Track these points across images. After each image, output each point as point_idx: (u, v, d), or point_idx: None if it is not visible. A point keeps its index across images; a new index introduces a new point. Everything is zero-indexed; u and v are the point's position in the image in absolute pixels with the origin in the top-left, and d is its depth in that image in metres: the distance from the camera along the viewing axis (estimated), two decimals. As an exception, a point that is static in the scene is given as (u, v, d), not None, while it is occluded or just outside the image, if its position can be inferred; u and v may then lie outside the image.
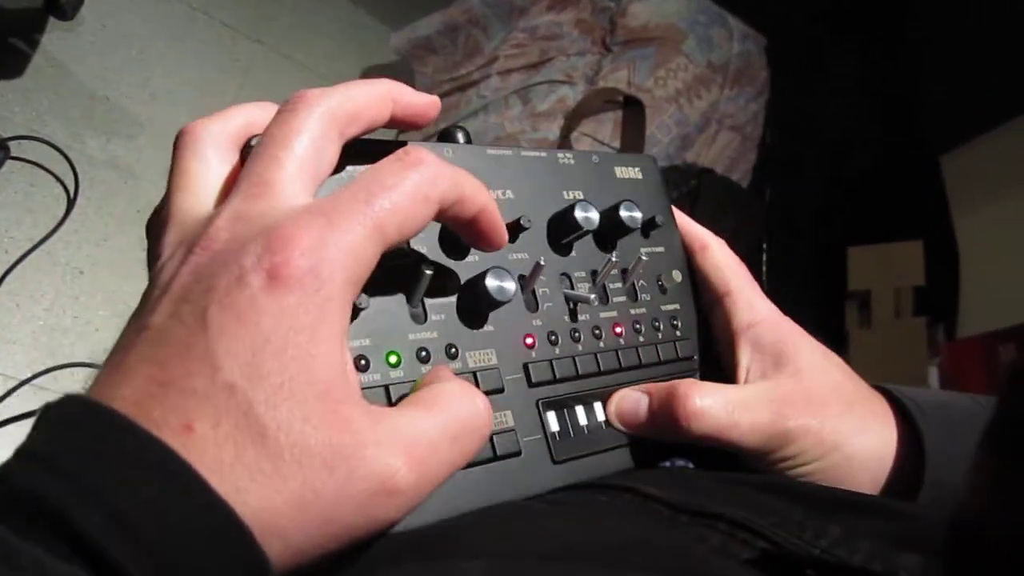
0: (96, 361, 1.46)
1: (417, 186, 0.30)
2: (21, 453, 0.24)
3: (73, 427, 0.24)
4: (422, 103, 0.34)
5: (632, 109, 1.65)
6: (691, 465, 0.44)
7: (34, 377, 1.41)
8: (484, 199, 0.33)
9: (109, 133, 1.65)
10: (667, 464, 0.44)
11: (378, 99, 0.33)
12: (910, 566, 0.27)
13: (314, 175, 0.30)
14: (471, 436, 0.30)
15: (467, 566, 0.28)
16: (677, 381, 0.43)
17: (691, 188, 1.59)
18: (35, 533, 0.22)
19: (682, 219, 0.52)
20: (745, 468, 0.43)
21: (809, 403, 0.43)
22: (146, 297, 0.29)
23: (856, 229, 1.91)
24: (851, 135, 2.02)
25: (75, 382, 1.44)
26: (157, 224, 0.32)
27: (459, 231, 0.35)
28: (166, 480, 0.24)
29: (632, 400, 0.44)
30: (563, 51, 1.76)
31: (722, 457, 0.43)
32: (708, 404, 0.41)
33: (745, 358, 0.46)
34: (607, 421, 0.44)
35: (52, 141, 1.55)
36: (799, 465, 0.42)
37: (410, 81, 1.89)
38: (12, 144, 1.51)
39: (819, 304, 1.83)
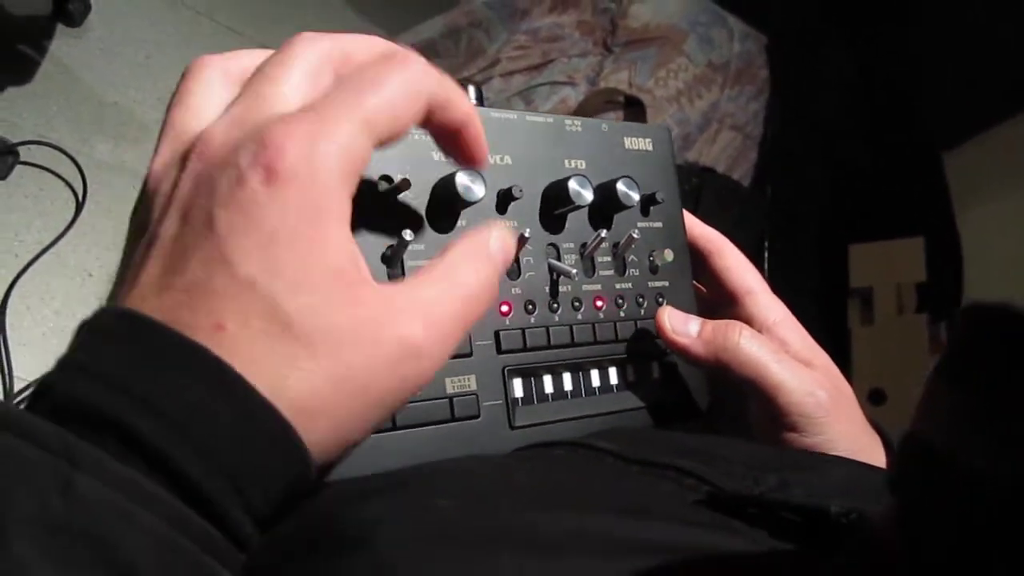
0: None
1: (406, 82, 0.30)
2: (67, 365, 0.25)
3: (115, 338, 0.26)
4: None
5: (633, 109, 1.67)
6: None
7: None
8: (469, 108, 0.34)
9: (117, 137, 1.67)
10: None
11: (368, 48, 0.33)
12: (840, 504, 0.29)
13: (306, 101, 0.31)
14: (480, 298, 0.32)
15: (441, 503, 0.29)
16: (733, 319, 0.46)
17: (693, 187, 1.60)
18: (91, 438, 0.23)
19: (692, 221, 0.53)
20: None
21: (841, 396, 0.45)
22: (147, 209, 0.30)
23: (858, 226, 1.91)
24: (853, 132, 2.02)
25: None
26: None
27: (443, 142, 0.35)
28: (210, 383, 0.25)
29: (681, 315, 0.47)
30: (565, 52, 1.78)
31: None
32: (759, 339, 0.45)
33: None
34: (660, 329, 0.46)
35: (61, 146, 1.57)
36: (821, 448, 0.43)
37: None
38: (22, 149, 1.53)
39: (821, 301, 1.82)
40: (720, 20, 1.80)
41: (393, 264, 0.39)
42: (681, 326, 0.46)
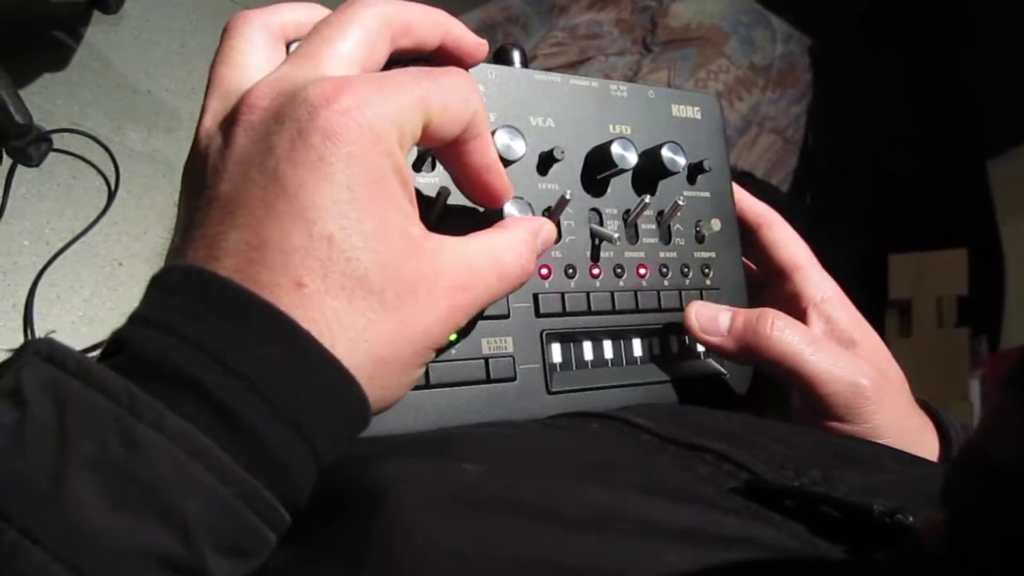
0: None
1: (459, 84, 0.31)
2: (140, 319, 0.26)
3: (188, 296, 0.26)
4: (471, 42, 0.36)
5: (672, 110, 1.63)
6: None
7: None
8: (495, 155, 0.35)
9: (150, 126, 1.67)
10: None
11: (432, 22, 0.34)
12: (883, 504, 0.28)
13: (362, 65, 0.31)
14: (509, 279, 0.33)
15: (468, 467, 0.30)
16: (766, 308, 0.45)
17: (730, 192, 1.57)
18: (161, 392, 0.23)
19: (741, 194, 0.52)
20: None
21: (885, 381, 0.43)
22: (200, 168, 0.29)
23: (899, 235, 1.87)
24: (896, 139, 1.98)
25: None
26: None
27: (459, 175, 0.36)
28: (283, 342, 0.25)
29: (710, 310, 0.45)
30: (602, 51, 1.75)
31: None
32: (794, 328, 0.43)
33: (818, 329, 0.46)
34: (688, 328, 0.45)
35: (94, 134, 1.57)
36: (866, 437, 0.42)
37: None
38: (55, 137, 1.52)
39: (859, 312, 1.79)
40: (763, 20, 1.76)
41: (429, 216, 0.38)
42: (711, 323, 0.45)
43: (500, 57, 0.45)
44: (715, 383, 0.48)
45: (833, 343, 0.44)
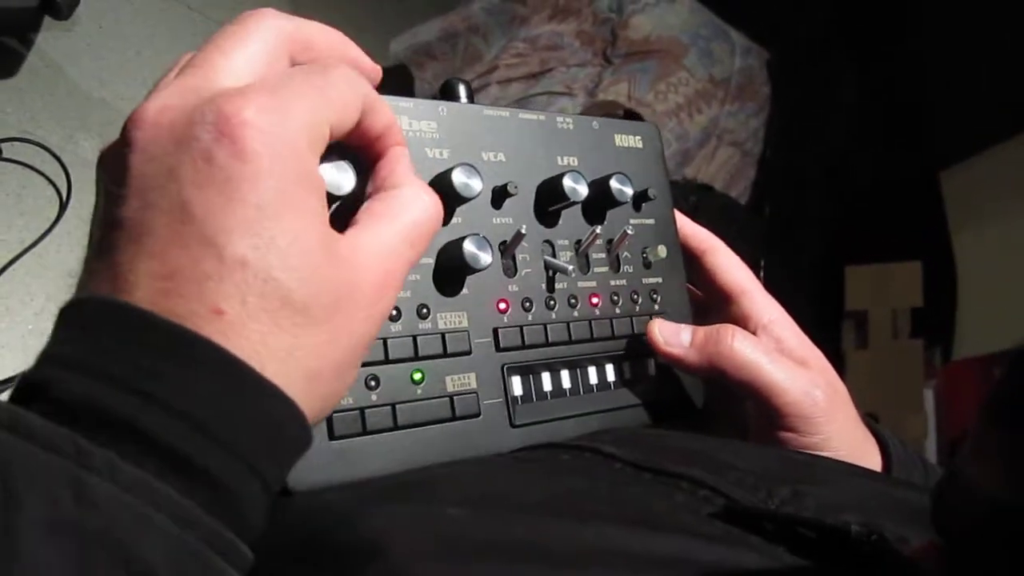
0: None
1: (346, 77, 0.30)
2: (56, 359, 0.24)
3: (110, 332, 0.25)
4: (368, 66, 0.35)
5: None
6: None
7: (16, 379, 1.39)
8: (392, 116, 0.34)
9: (104, 135, 1.63)
10: None
11: (331, 42, 0.33)
12: (858, 522, 0.29)
13: (258, 77, 0.29)
14: (426, 236, 0.33)
15: (452, 512, 0.30)
16: (724, 324, 0.46)
17: (691, 205, 1.58)
18: (99, 439, 0.22)
19: (683, 221, 0.53)
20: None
21: (836, 395, 0.45)
22: (103, 191, 0.28)
23: (855, 247, 1.90)
24: (854, 152, 2.01)
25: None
26: None
27: (365, 152, 0.34)
28: (217, 375, 0.25)
29: (672, 327, 0.47)
30: (563, 62, 1.75)
31: None
32: (753, 341, 0.45)
33: (770, 348, 0.47)
34: (652, 343, 0.47)
35: (45, 143, 1.53)
36: (818, 448, 0.44)
37: (409, 87, 1.88)
38: (4, 146, 1.49)
39: (815, 324, 1.81)
40: (722, 34, 1.78)
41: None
42: (673, 337, 0.47)
43: (446, 92, 0.45)
44: (669, 405, 0.49)
45: (786, 359, 0.46)
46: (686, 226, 0.53)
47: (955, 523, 0.24)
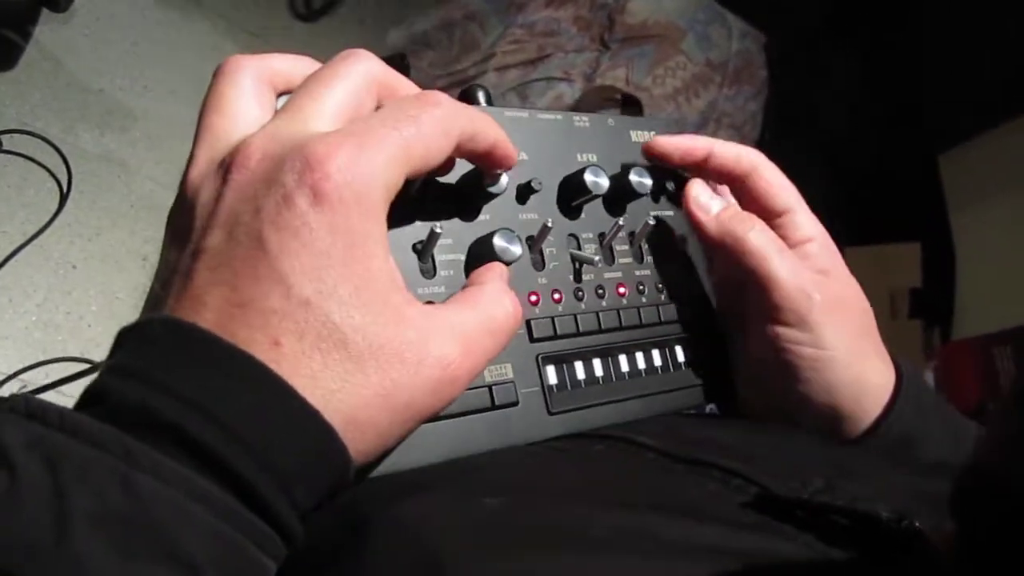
0: (88, 356, 1.45)
1: (438, 119, 0.32)
2: (118, 370, 0.26)
3: (172, 349, 0.27)
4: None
5: (630, 108, 1.64)
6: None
7: (24, 371, 1.40)
8: (495, 132, 0.35)
9: (103, 126, 1.64)
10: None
11: (412, 85, 0.35)
12: (890, 510, 0.29)
13: (347, 120, 0.31)
14: (504, 332, 0.34)
15: (489, 501, 0.31)
16: (753, 213, 0.48)
17: (688, 188, 1.58)
18: (150, 442, 0.24)
19: (723, 146, 0.52)
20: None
21: (840, 303, 0.46)
22: (188, 218, 0.30)
23: (854, 229, 1.90)
24: (852, 135, 2.01)
25: (66, 377, 1.43)
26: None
27: (475, 161, 0.37)
28: (262, 392, 0.26)
29: (708, 193, 0.49)
30: (561, 48, 1.75)
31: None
32: (770, 234, 0.46)
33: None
34: (685, 202, 0.49)
35: (45, 135, 1.54)
36: (810, 346, 0.45)
37: (405, 75, 1.88)
38: (4, 138, 1.49)
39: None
40: (719, 18, 1.78)
41: (424, 257, 0.40)
42: (705, 202, 0.48)
43: (464, 97, 0.47)
44: (701, 390, 0.50)
45: (798, 260, 0.46)
46: (727, 149, 0.51)
47: (980, 514, 0.24)
